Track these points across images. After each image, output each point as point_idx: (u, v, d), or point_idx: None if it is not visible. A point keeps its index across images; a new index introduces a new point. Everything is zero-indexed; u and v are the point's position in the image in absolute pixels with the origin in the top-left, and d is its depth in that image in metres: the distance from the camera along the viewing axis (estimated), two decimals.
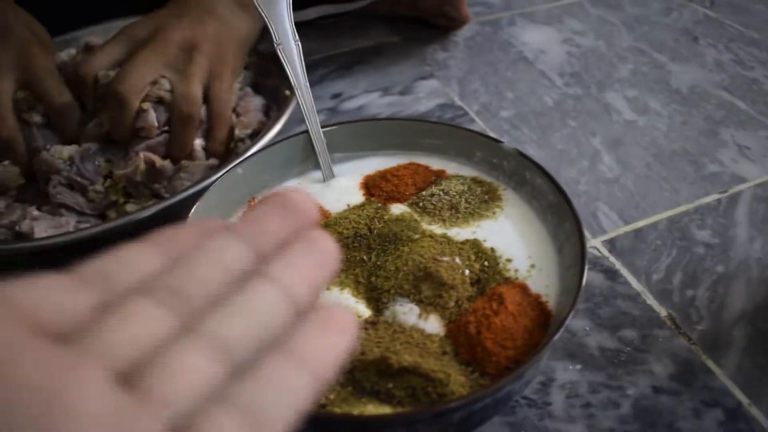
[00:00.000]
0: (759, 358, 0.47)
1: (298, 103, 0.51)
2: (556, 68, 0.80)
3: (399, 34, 0.88)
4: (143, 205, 0.53)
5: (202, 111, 0.57)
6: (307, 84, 0.51)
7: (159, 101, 0.55)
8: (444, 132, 0.51)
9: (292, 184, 0.51)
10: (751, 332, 0.49)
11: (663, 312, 0.50)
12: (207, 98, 0.57)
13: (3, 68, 0.55)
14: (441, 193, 0.47)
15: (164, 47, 0.56)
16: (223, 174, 0.47)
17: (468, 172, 0.50)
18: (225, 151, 0.59)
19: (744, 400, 0.44)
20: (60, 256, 0.48)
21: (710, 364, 0.46)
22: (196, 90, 0.56)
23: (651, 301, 0.51)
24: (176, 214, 0.48)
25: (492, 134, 0.68)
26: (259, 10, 0.51)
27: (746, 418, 0.43)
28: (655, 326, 0.49)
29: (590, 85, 0.77)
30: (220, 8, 0.61)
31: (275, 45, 0.52)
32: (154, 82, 0.55)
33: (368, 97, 0.75)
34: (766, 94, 0.76)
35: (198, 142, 0.57)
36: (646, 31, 0.89)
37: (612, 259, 0.54)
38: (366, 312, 0.40)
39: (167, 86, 0.55)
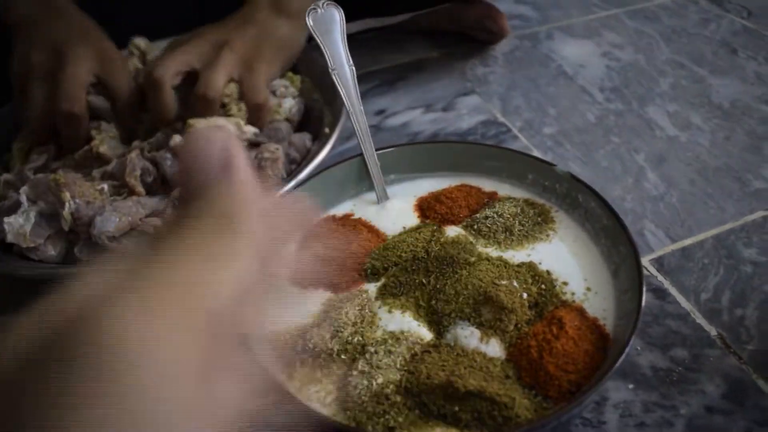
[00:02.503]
0: None
1: (344, 125, 0.53)
2: (597, 83, 0.81)
3: (439, 49, 0.89)
4: None
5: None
6: (362, 108, 0.53)
7: None
8: (496, 154, 0.52)
9: (347, 205, 0.52)
10: None
11: (713, 331, 0.51)
12: (242, 90, 0.61)
13: (83, 57, 0.59)
14: (495, 216, 0.49)
15: (198, 44, 0.61)
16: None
17: (520, 194, 0.51)
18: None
19: None
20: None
21: (761, 383, 0.47)
22: (218, 77, 0.59)
23: (700, 320, 0.51)
24: None
25: (536, 152, 0.69)
26: (315, 36, 0.53)
27: None
28: (705, 345, 0.50)
29: (631, 100, 0.78)
30: (261, 15, 0.65)
31: (330, 70, 0.53)
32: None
33: (411, 113, 0.76)
34: None
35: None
36: (684, 43, 0.90)
37: (660, 278, 0.55)
38: (428, 335, 0.41)
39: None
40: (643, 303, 0.38)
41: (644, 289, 0.39)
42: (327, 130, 0.59)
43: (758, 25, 0.94)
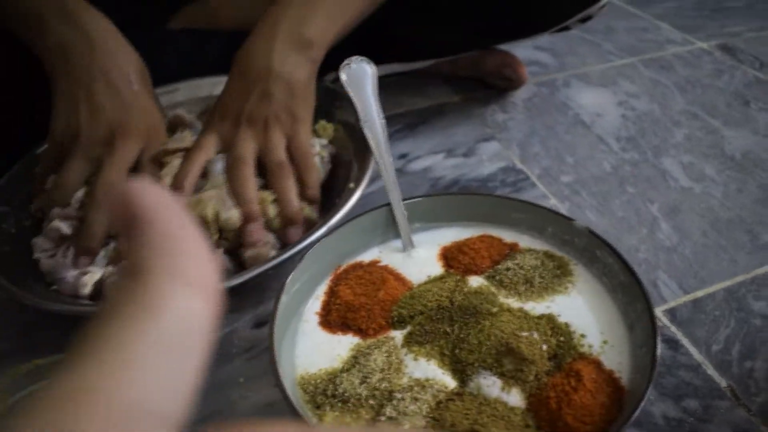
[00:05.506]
0: None
1: (372, 171, 0.56)
2: (613, 132, 0.84)
3: (459, 94, 0.92)
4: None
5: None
6: (391, 160, 0.56)
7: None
8: (518, 207, 0.55)
9: (373, 252, 0.55)
10: None
11: (723, 383, 0.53)
12: (291, 155, 0.62)
13: (134, 141, 0.61)
14: (516, 267, 0.51)
15: (247, 143, 0.61)
16: (313, 243, 0.52)
17: (540, 245, 0.54)
18: (320, 198, 0.63)
19: None
20: None
21: None
22: (280, 152, 0.61)
23: (711, 371, 0.53)
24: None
25: (553, 200, 0.72)
26: (348, 91, 0.56)
27: None
28: (716, 397, 0.52)
29: (646, 150, 0.80)
30: (277, 64, 0.63)
31: (361, 123, 0.56)
32: None
33: (433, 158, 0.79)
34: None
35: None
36: (698, 93, 0.92)
37: (673, 329, 0.57)
38: (452, 383, 0.43)
39: None
40: (658, 358, 0.41)
41: (659, 344, 0.41)
42: (352, 185, 0.61)
43: None
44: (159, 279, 0.19)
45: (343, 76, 0.57)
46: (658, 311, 0.59)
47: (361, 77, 0.57)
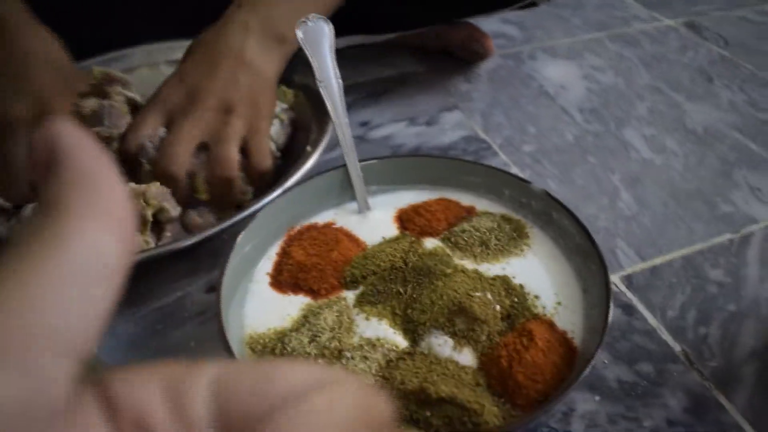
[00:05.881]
0: None
1: (331, 136, 0.54)
2: (577, 104, 0.83)
3: (424, 65, 0.91)
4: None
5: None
6: (347, 121, 0.54)
7: None
8: (475, 170, 0.54)
9: (329, 214, 0.54)
10: (761, 369, 0.51)
11: (677, 348, 0.53)
12: (247, 152, 0.59)
13: (17, 123, 0.56)
14: (472, 230, 0.50)
15: (201, 115, 0.57)
16: (265, 205, 0.50)
17: (497, 209, 0.53)
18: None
19: None
20: None
21: (722, 399, 0.49)
22: (233, 153, 0.57)
23: (666, 336, 0.53)
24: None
25: (515, 168, 0.71)
26: (304, 48, 0.55)
27: None
28: (669, 361, 0.52)
29: (609, 121, 0.80)
30: (249, 53, 0.61)
31: (317, 83, 0.55)
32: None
33: (395, 126, 0.78)
34: None
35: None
36: (663, 69, 0.92)
37: (629, 295, 0.57)
38: (403, 342, 0.43)
39: None
40: (610, 319, 0.40)
41: (612, 305, 0.41)
42: (309, 148, 0.60)
43: (734, 55, 0.97)
44: (67, 213, 0.18)
45: (300, 34, 0.55)
46: (616, 278, 0.58)
47: (318, 35, 0.56)
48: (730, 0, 1.18)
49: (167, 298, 0.56)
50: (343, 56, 0.89)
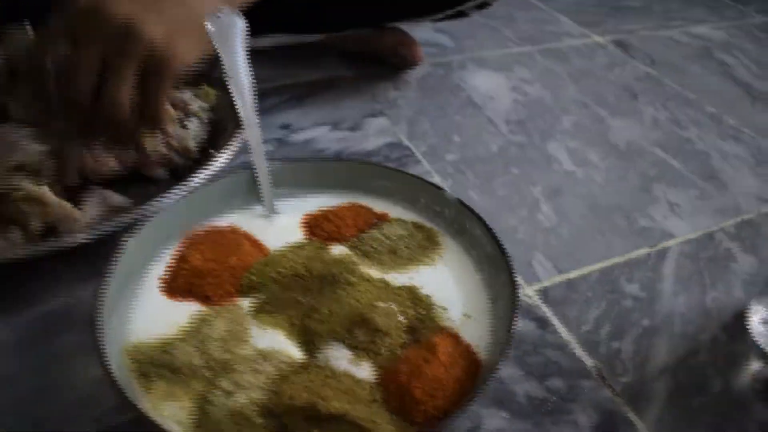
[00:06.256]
0: (679, 412, 0.49)
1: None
2: (503, 115, 0.83)
3: (353, 70, 0.89)
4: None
5: None
6: (257, 121, 0.51)
7: None
8: (388, 175, 0.52)
9: (233, 217, 0.51)
10: (672, 386, 0.50)
11: (590, 363, 0.51)
12: (144, 102, 0.52)
13: None
14: (382, 237, 0.48)
15: (103, 32, 0.49)
16: (162, 205, 0.47)
17: (411, 217, 0.51)
18: None
19: None
20: None
21: (632, 416, 0.48)
22: (123, 97, 0.50)
23: (579, 351, 0.52)
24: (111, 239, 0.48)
25: (437, 177, 0.69)
26: (213, 42, 0.52)
27: None
28: (581, 377, 0.50)
29: (534, 134, 0.79)
30: None
31: (226, 78, 0.52)
32: None
33: (318, 130, 0.75)
34: (697, 153, 0.79)
35: None
36: (590, 84, 0.93)
37: (544, 308, 0.56)
38: (298, 354, 0.40)
39: None
40: (514, 330, 0.38)
41: (516, 316, 0.39)
42: (212, 151, 0.57)
43: (660, 73, 0.98)
44: None
45: (210, 27, 0.52)
46: (532, 290, 0.57)
47: (229, 29, 0.52)
48: (659, 21, 1.20)
49: (55, 302, 0.52)
50: (271, 57, 0.87)
